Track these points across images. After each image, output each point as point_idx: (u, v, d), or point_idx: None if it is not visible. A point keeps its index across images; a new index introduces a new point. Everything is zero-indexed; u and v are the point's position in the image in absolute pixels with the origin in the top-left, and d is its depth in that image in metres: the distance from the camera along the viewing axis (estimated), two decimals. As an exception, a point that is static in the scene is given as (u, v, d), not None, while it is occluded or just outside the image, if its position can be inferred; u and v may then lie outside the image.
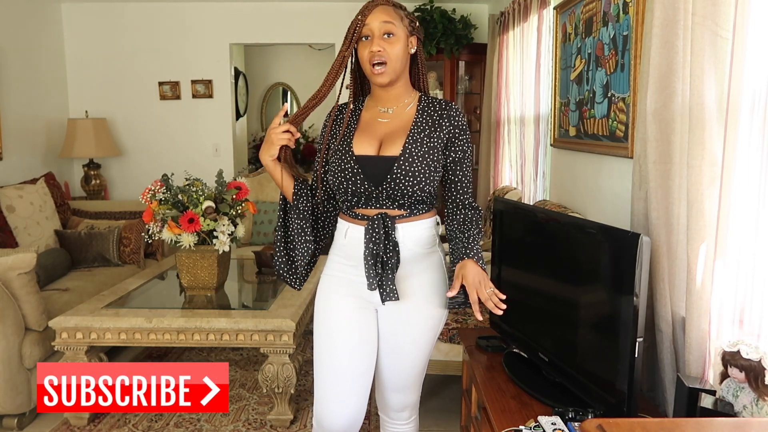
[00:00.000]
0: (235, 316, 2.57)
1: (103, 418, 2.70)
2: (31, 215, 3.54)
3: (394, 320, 1.64)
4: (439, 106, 1.62)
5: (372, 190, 1.56)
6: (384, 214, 1.56)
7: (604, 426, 1.14)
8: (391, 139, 1.58)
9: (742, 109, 1.49)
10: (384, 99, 1.63)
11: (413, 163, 1.54)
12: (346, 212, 1.66)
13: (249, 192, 2.91)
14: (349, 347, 1.61)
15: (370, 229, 1.55)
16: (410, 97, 1.65)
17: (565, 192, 2.92)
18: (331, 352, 1.62)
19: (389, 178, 1.53)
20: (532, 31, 3.35)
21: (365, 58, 1.54)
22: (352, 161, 1.56)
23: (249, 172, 5.03)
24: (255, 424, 2.67)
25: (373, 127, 1.62)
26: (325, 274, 1.70)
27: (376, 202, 1.58)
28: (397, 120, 1.62)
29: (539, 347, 1.94)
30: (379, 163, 1.56)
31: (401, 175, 1.53)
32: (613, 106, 2.24)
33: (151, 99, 4.92)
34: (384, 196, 1.56)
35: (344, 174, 1.56)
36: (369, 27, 1.53)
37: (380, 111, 1.64)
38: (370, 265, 1.54)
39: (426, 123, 1.60)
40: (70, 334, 2.54)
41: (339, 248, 1.67)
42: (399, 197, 1.56)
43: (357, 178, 1.55)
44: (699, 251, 1.56)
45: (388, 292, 1.54)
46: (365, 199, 1.58)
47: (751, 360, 1.38)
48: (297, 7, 4.85)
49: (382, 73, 1.54)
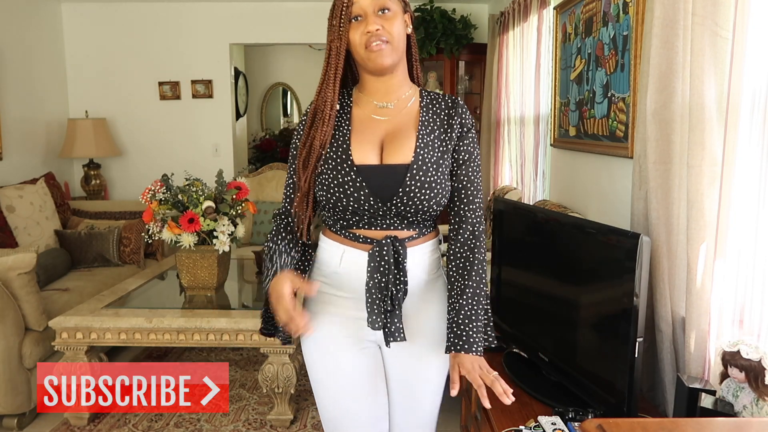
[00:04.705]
0: (235, 316, 2.57)
1: (103, 418, 2.70)
2: (31, 215, 3.53)
3: (402, 360, 1.39)
4: (446, 103, 1.36)
5: (378, 207, 1.27)
6: (393, 237, 1.28)
7: (604, 426, 1.14)
8: (395, 142, 1.30)
9: (742, 109, 1.49)
10: (381, 91, 1.34)
11: (427, 171, 1.27)
12: (339, 232, 1.34)
13: (249, 192, 2.90)
14: (366, 410, 1.37)
15: (377, 255, 1.27)
16: (410, 89, 1.37)
17: (565, 192, 2.92)
18: (347, 420, 1.37)
19: (401, 192, 1.26)
20: (532, 31, 3.35)
21: (358, 42, 1.27)
22: (352, 173, 1.26)
23: (249, 172, 5.03)
24: (255, 424, 2.67)
25: (369, 127, 1.32)
26: (313, 312, 1.37)
27: (382, 222, 1.30)
28: (399, 117, 1.33)
29: (539, 347, 1.94)
30: (387, 174, 1.27)
31: (415, 188, 1.26)
32: (613, 106, 2.24)
33: (151, 99, 4.92)
34: (392, 214, 1.28)
35: (342, 189, 1.26)
36: (359, 5, 1.26)
37: (377, 106, 1.34)
38: (374, 299, 1.27)
39: (434, 122, 1.34)
40: (70, 334, 2.53)
41: (329, 276, 1.36)
42: (410, 214, 1.29)
43: (360, 194, 1.26)
44: (699, 251, 1.56)
45: (393, 331, 1.28)
46: (368, 218, 1.29)
47: (751, 360, 1.38)
48: (297, 7, 4.85)
49: (383, 52, 1.26)
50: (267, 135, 7.15)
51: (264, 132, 7.24)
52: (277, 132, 7.23)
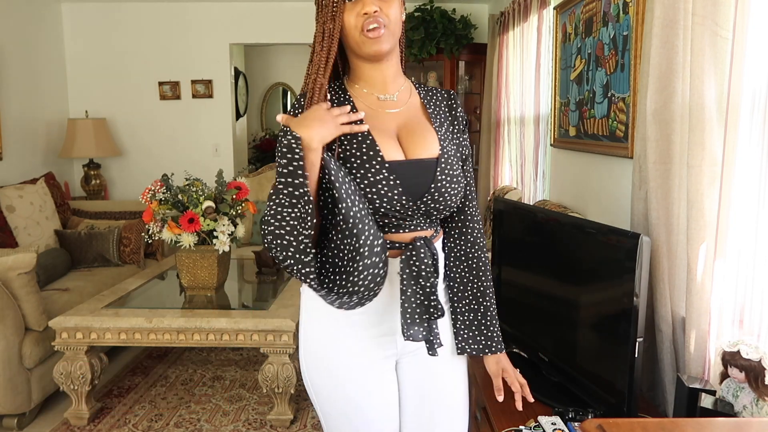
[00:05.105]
0: (235, 316, 2.57)
1: (103, 418, 2.70)
2: (31, 215, 3.54)
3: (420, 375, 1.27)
4: (442, 96, 1.31)
5: (408, 206, 1.16)
6: (423, 238, 1.18)
7: (604, 426, 1.13)
8: (414, 136, 1.21)
9: (742, 109, 1.49)
10: (378, 81, 1.23)
11: (453, 165, 1.20)
12: None
13: (249, 192, 2.90)
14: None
15: (414, 259, 1.16)
16: (405, 80, 1.28)
17: (565, 192, 2.92)
18: None
19: (432, 188, 1.17)
20: (532, 31, 3.35)
21: (353, 24, 1.15)
22: (384, 170, 1.13)
23: (249, 172, 5.03)
24: (255, 424, 2.66)
25: (381, 120, 1.21)
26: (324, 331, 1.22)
27: (409, 223, 1.19)
28: (407, 110, 1.25)
29: (539, 347, 1.94)
30: (417, 170, 1.17)
31: (446, 182, 1.18)
32: (613, 106, 2.24)
33: (151, 99, 4.92)
34: (420, 213, 1.18)
35: (375, 189, 1.13)
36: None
37: (379, 99, 1.23)
38: (414, 309, 1.16)
39: (441, 115, 1.27)
40: (70, 334, 2.54)
41: None
42: (436, 212, 1.20)
43: (393, 193, 1.13)
44: (699, 251, 1.56)
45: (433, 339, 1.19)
46: (397, 221, 1.18)
47: (751, 360, 1.38)
48: (297, 7, 4.85)
49: (380, 38, 1.14)
50: (267, 135, 7.15)
51: (264, 132, 7.24)
52: (277, 132, 7.22)
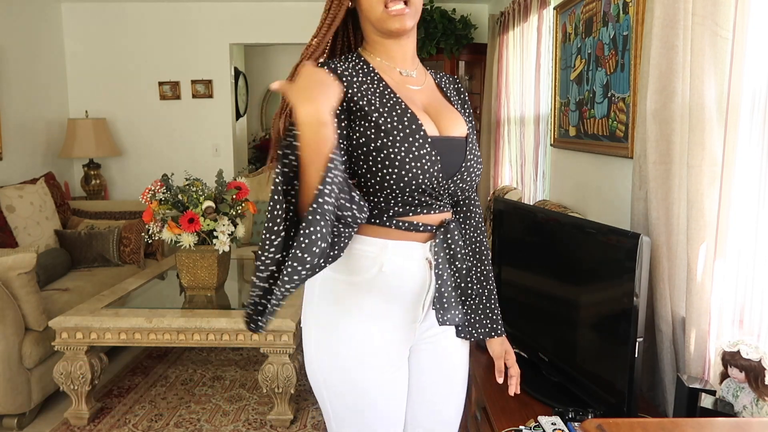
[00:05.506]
0: (235, 316, 2.57)
1: (103, 418, 2.70)
2: (31, 215, 3.53)
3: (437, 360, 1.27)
4: (449, 80, 1.29)
5: (441, 185, 1.10)
6: (450, 220, 1.15)
7: (604, 426, 1.13)
8: (442, 114, 1.16)
9: (742, 109, 1.49)
10: (399, 57, 1.17)
11: (477, 146, 1.18)
12: (387, 223, 1.10)
13: (249, 192, 2.91)
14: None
15: (448, 242, 1.12)
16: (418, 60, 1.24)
17: (565, 192, 2.92)
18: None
19: (462, 168, 1.13)
20: (532, 31, 3.35)
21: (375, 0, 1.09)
22: (428, 145, 1.07)
23: (249, 172, 5.03)
24: (255, 424, 2.66)
25: (409, 96, 1.14)
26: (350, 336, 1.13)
27: (438, 204, 1.13)
28: (426, 88, 1.20)
29: (539, 347, 1.94)
30: (452, 148, 1.13)
31: (474, 163, 1.15)
32: (613, 106, 2.24)
33: (151, 99, 4.92)
34: (448, 193, 1.13)
35: (419, 165, 1.06)
36: None
37: (401, 74, 1.17)
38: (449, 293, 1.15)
39: (455, 97, 1.25)
40: (70, 334, 2.53)
41: (368, 283, 1.11)
42: (461, 193, 1.17)
43: (434, 169, 1.07)
44: (699, 251, 1.56)
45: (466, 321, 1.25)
46: (431, 200, 1.11)
47: (751, 360, 1.38)
48: (297, 7, 4.85)
49: (405, 15, 1.09)
50: (267, 135, 7.14)
51: (264, 132, 7.24)
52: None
